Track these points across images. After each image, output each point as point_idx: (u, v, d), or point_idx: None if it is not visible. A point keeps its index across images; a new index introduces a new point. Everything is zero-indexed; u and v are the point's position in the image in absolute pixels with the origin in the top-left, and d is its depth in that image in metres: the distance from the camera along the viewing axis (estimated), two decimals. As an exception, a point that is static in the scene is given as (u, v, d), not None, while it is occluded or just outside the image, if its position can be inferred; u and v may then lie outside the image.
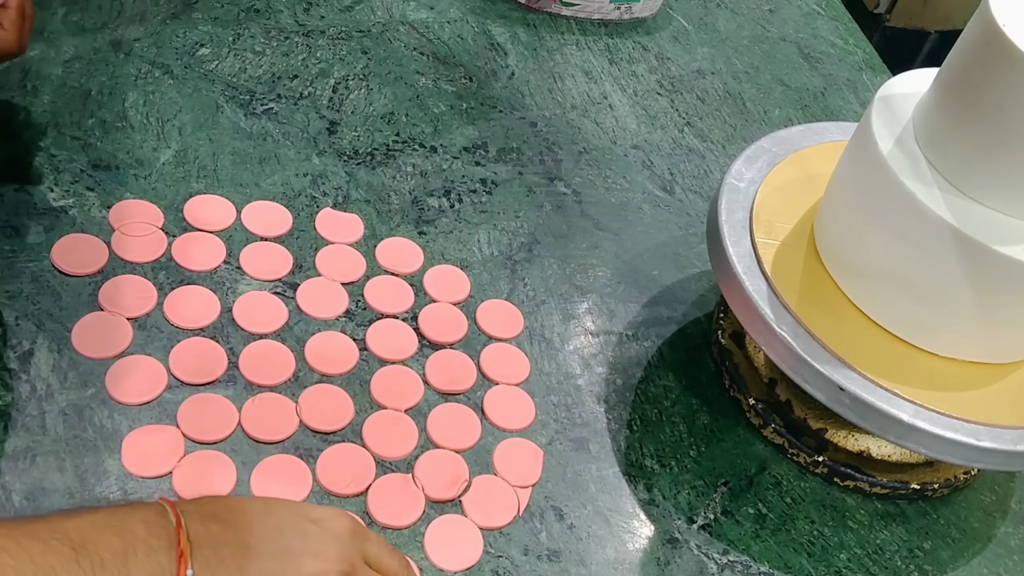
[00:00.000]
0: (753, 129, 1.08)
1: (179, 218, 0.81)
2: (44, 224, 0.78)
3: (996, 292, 0.68)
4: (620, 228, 0.93)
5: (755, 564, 0.73)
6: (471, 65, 1.05)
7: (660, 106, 1.08)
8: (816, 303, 0.73)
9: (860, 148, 0.72)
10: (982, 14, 0.65)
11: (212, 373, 0.72)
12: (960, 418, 0.69)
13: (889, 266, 0.71)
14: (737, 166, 0.81)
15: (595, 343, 0.83)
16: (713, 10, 1.24)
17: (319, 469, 0.69)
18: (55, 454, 0.66)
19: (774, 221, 0.78)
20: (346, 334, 0.77)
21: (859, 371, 0.69)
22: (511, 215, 0.91)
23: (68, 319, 0.73)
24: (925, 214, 0.67)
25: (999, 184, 0.67)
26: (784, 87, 1.15)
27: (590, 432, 0.77)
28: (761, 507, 0.76)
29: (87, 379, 0.70)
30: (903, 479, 0.78)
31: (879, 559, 0.75)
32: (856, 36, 1.28)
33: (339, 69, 0.99)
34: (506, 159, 0.96)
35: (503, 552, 0.69)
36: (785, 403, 0.79)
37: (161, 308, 0.75)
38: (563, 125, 1.02)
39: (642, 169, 1.00)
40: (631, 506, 0.74)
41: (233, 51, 0.97)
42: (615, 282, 0.89)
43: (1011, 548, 0.78)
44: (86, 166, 0.83)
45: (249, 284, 0.79)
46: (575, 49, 1.12)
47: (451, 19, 1.10)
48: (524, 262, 0.88)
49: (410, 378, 0.76)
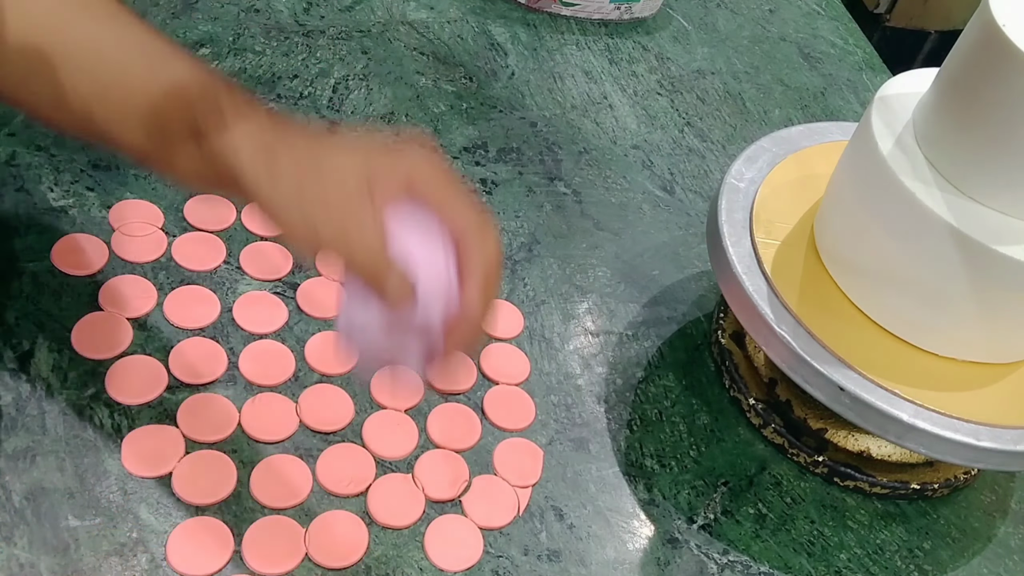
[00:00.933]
0: (753, 129, 1.08)
1: (179, 218, 0.81)
2: (44, 224, 0.78)
3: (996, 292, 0.68)
4: (620, 228, 0.93)
5: (755, 564, 0.73)
6: (471, 65, 1.05)
7: (660, 106, 1.08)
8: (816, 303, 0.74)
9: (860, 148, 0.72)
10: (982, 14, 0.65)
11: (212, 373, 0.72)
12: (960, 418, 0.69)
13: (889, 266, 0.71)
14: (737, 166, 0.81)
15: (595, 343, 0.83)
16: (713, 10, 1.24)
17: (319, 469, 0.69)
18: (55, 454, 0.66)
19: (774, 221, 0.78)
20: (346, 334, 0.77)
21: (859, 371, 0.69)
22: (511, 215, 0.91)
23: (68, 319, 0.73)
24: (925, 214, 0.67)
25: (999, 184, 0.67)
26: (784, 87, 1.15)
27: (590, 432, 0.77)
28: (761, 507, 0.76)
29: (87, 379, 0.70)
30: (903, 479, 0.78)
31: (879, 559, 0.75)
32: (856, 36, 1.28)
33: (339, 69, 0.99)
34: (506, 159, 0.96)
35: (503, 552, 0.69)
36: (785, 403, 0.79)
37: (161, 308, 0.75)
38: (563, 125, 1.02)
39: (642, 169, 1.00)
40: (631, 506, 0.74)
41: (233, 51, 0.97)
42: (615, 282, 0.89)
43: (1011, 548, 0.78)
44: (86, 166, 0.83)
45: (249, 284, 0.79)
46: (575, 49, 1.12)
47: (451, 19, 1.10)
48: (524, 262, 0.88)
49: (410, 378, 0.76)
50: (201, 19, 0.99)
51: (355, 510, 0.68)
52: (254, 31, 1.00)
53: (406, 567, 0.66)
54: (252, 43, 0.99)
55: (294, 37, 1.01)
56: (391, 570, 0.66)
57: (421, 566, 0.66)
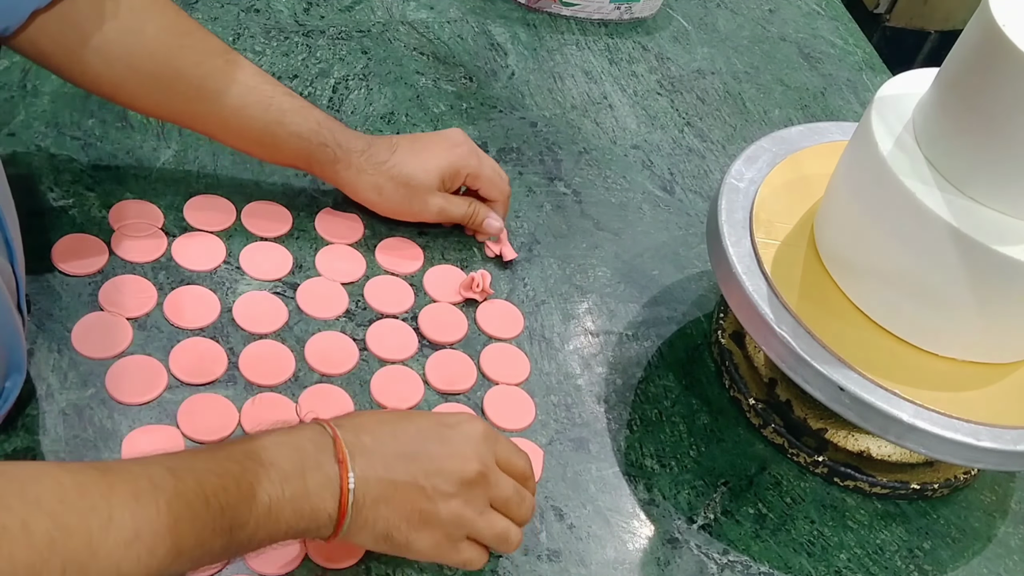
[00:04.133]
0: (753, 129, 1.08)
1: (179, 218, 0.81)
2: (44, 224, 0.78)
3: (996, 292, 0.68)
4: (620, 228, 0.93)
5: (755, 564, 0.73)
6: (471, 65, 1.05)
7: (660, 106, 1.08)
8: (816, 303, 0.74)
9: (860, 148, 0.72)
10: (982, 14, 0.65)
11: (212, 373, 0.72)
12: (960, 418, 0.69)
13: (889, 266, 0.71)
14: (737, 166, 0.81)
15: (595, 343, 0.83)
16: (713, 10, 1.24)
17: (319, 469, 0.69)
18: (55, 454, 0.66)
19: (774, 221, 0.78)
20: (346, 334, 0.77)
21: (859, 371, 0.69)
22: (511, 215, 0.91)
23: (68, 319, 0.73)
24: (925, 214, 0.67)
25: (999, 184, 0.67)
26: (784, 87, 1.15)
27: (590, 432, 0.77)
28: (761, 507, 0.76)
29: (87, 379, 0.70)
30: (903, 479, 0.78)
31: (879, 559, 0.75)
32: (856, 36, 1.28)
33: (339, 69, 0.99)
34: (506, 159, 0.96)
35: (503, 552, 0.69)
36: (785, 403, 0.79)
37: (161, 308, 0.75)
38: (563, 125, 1.02)
39: (642, 169, 1.00)
40: (631, 506, 0.74)
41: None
42: (615, 282, 0.89)
43: (1011, 548, 0.78)
44: (86, 166, 0.83)
45: (249, 284, 0.79)
46: (575, 49, 1.12)
47: (451, 19, 1.10)
48: (524, 262, 0.88)
49: (410, 378, 0.76)
50: (201, 19, 0.99)
51: (355, 510, 0.68)
52: (254, 31, 1.00)
53: (406, 567, 0.66)
54: (252, 43, 0.99)
55: (294, 37, 1.01)
56: (391, 570, 0.66)
57: (421, 566, 0.66)
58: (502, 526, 0.63)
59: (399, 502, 0.59)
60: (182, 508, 0.52)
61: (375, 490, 0.58)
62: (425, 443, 0.61)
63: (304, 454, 0.57)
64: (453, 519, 0.60)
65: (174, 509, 0.51)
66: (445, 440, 0.61)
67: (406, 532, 0.60)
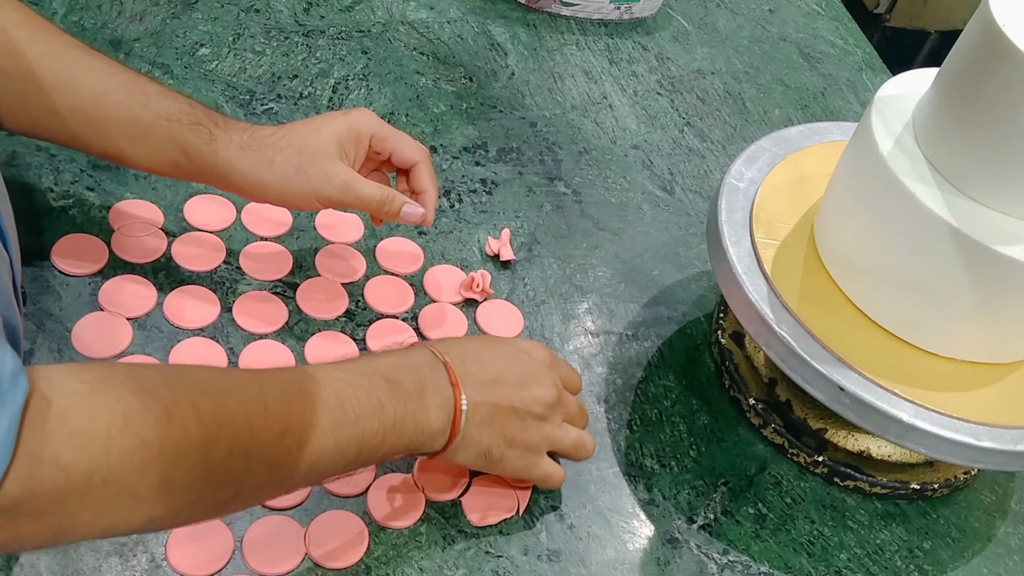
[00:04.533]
0: (753, 129, 1.08)
1: (179, 218, 0.81)
2: (44, 224, 0.78)
3: (996, 292, 0.68)
4: (620, 228, 0.93)
5: (755, 564, 0.73)
6: (471, 65, 1.05)
7: (660, 106, 1.08)
8: (816, 303, 0.74)
9: (860, 148, 0.72)
10: (982, 14, 0.65)
11: (212, 373, 0.72)
12: (960, 418, 0.69)
13: (889, 266, 0.71)
14: (737, 166, 0.81)
15: (595, 343, 0.83)
16: (713, 10, 1.24)
17: (319, 469, 0.69)
18: (55, 454, 0.66)
19: (774, 221, 0.78)
20: (346, 334, 0.77)
21: (859, 371, 0.69)
22: (511, 215, 0.91)
23: (68, 319, 0.73)
24: (925, 214, 0.67)
25: (999, 184, 0.67)
26: (784, 87, 1.15)
27: (590, 432, 0.77)
28: (761, 507, 0.76)
29: (87, 379, 0.70)
30: (903, 479, 0.78)
31: (879, 559, 0.75)
32: (856, 36, 1.28)
33: (339, 69, 0.99)
34: (506, 159, 0.96)
35: (503, 552, 0.69)
36: (785, 403, 0.79)
37: (161, 308, 0.75)
38: (563, 125, 1.02)
39: (642, 169, 1.00)
40: (631, 506, 0.74)
41: (233, 51, 0.97)
42: (615, 282, 0.89)
43: (1011, 548, 0.78)
44: (86, 166, 0.83)
45: (249, 284, 0.79)
46: (575, 49, 1.12)
47: (451, 19, 1.10)
48: (524, 262, 0.88)
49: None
50: (201, 19, 0.99)
51: (355, 510, 0.68)
52: (254, 31, 1.00)
53: (406, 567, 0.66)
54: (252, 43, 0.99)
55: (294, 37, 1.01)
56: (391, 570, 0.66)
57: (421, 566, 0.66)
58: (575, 435, 0.71)
59: (500, 423, 0.65)
60: (323, 411, 0.56)
61: (481, 411, 0.64)
62: (513, 367, 0.67)
63: (422, 375, 0.63)
64: (542, 436, 0.68)
65: (318, 411, 0.56)
66: (526, 366, 0.68)
67: (502, 450, 0.66)
